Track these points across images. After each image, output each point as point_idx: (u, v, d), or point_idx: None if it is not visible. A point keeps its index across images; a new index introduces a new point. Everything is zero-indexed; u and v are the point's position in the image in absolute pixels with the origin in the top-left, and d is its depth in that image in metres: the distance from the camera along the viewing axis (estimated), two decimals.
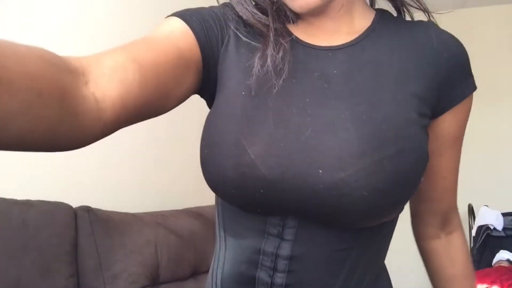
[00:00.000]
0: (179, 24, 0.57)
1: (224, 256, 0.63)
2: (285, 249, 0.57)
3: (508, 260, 2.09)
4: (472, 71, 0.61)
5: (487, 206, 2.32)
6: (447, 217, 0.72)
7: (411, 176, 0.54)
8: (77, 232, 1.38)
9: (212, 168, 0.57)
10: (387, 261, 0.66)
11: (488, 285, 1.84)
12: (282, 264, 0.57)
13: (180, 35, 0.55)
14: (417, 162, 0.54)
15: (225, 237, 0.63)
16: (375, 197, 0.51)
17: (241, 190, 0.55)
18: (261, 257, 0.58)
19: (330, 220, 0.54)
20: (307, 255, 0.57)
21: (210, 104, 0.63)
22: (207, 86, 0.61)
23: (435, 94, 0.58)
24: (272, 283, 0.57)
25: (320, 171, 0.51)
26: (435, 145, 0.62)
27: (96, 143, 0.45)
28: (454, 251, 0.72)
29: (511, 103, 2.49)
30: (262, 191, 0.54)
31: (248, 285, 0.59)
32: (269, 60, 0.55)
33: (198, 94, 0.63)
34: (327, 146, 0.52)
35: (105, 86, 0.44)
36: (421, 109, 0.56)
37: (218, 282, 0.64)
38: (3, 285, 1.15)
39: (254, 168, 0.53)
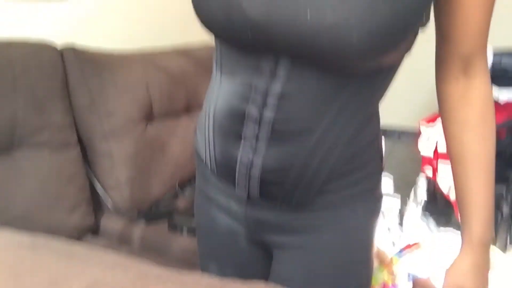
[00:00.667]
0: None
1: (219, 91, 0.66)
2: (276, 86, 0.58)
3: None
4: None
5: None
6: (470, 62, 0.64)
7: (408, 16, 0.50)
8: (65, 71, 1.36)
9: (201, 10, 0.57)
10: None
11: None
12: (272, 100, 0.59)
13: None
14: (417, 1, 0.50)
15: (220, 73, 0.65)
16: (367, 39, 0.49)
17: (230, 32, 0.56)
18: (252, 92, 0.60)
19: (322, 63, 0.54)
20: (297, 94, 0.58)
21: None
22: None
23: None
24: (260, 118, 0.61)
25: (308, 14, 0.49)
26: None
27: None
28: (471, 95, 0.65)
29: None
30: (250, 33, 0.54)
31: (238, 119, 0.63)
32: None
33: None
34: None
35: None
36: None
37: (211, 115, 0.67)
38: (1, 123, 1.18)
39: (240, 10, 0.53)
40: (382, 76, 0.61)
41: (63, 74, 1.35)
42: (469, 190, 0.67)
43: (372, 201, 0.72)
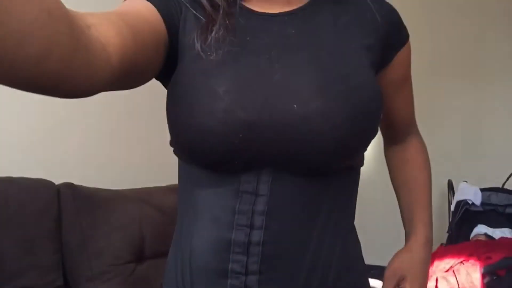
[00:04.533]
0: (142, 1, 0.57)
1: (194, 228, 0.62)
2: (261, 204, 0.57)
3: (485, 234, 2.15)
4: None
5: (466, 182, 2.37)
6: (407, 133, 0.81)
7: (372, 107, 0.59)
8: (60, 208, 1.37)
9: (187, 124, 0.56)
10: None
11: (464, 258, 1.88)
12: (258, 220, 0.57)
13: (146, 10, 0.56)
14: (376, 94, 0.60)
15: (193, 209, 0.63)
16: (344, 126, 0.55)
17: (221, 138, 0.55)
18: (236, 216, 0.58)
19: (304, 160, 0.56)
20: (282, 209, 0.58)
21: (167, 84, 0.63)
22: (168, 63, 0.61)
23: (381, 46, 0.65)
24: (249, 242, 0.57)
25: (295, 106, 0.54)
26: (390, 88, 0.70)
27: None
28: (408, 147, 0.82)
29: (494, 81, 2.51)
30: (241, 135, 0.54)
31: (223, 250, 0.58)
32: (214, 32, 0.58)
33: (159, 77, 0.63)
34: (298, 84, 0.56)
35: (106, 33, 0.44)
36: (372, 59, 0.63)
37: (186, 258, 0.62)
38: None
39: (231, 112, 0.54)
40: (352, 178, 0.66)
41: (57, 211, 1.35)
42: (413, 203, 0.78)
43: None
